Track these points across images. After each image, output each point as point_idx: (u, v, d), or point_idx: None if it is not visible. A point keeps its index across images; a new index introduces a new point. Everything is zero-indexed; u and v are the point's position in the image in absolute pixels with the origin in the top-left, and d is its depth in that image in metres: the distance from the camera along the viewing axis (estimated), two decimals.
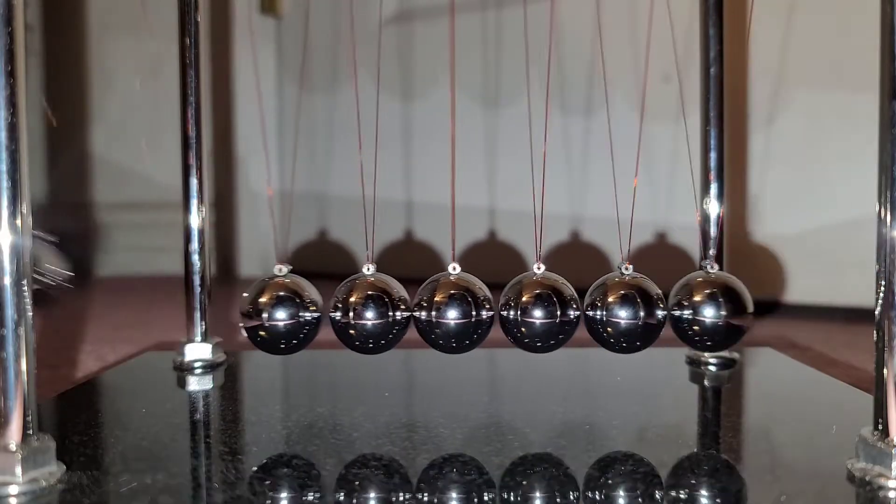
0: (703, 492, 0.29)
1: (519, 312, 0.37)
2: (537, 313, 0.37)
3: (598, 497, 0.28)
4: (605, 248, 1.01)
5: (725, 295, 0.38)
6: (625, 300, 0.37)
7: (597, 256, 1.01)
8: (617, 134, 0.54)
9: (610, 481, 0.30)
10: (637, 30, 0.92)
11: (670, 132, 0.92)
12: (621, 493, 0.29)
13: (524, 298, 0.37)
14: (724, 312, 0.38)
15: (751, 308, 0.38)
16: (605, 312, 0.37)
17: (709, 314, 0.38)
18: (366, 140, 0.43)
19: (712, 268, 0.39)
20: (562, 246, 1.03)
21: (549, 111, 0.43)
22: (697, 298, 0.38)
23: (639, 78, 0.96)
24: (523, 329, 0.37)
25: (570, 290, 0.38)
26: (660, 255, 0.94)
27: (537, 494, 0.29)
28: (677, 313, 0.39)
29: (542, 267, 0.38)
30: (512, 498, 0.28)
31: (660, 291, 0.38)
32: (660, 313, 0.38)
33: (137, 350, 0.71)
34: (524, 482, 0.30)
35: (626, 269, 0.39)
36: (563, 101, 1.04)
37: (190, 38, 0.50)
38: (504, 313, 0.37)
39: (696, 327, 0.38)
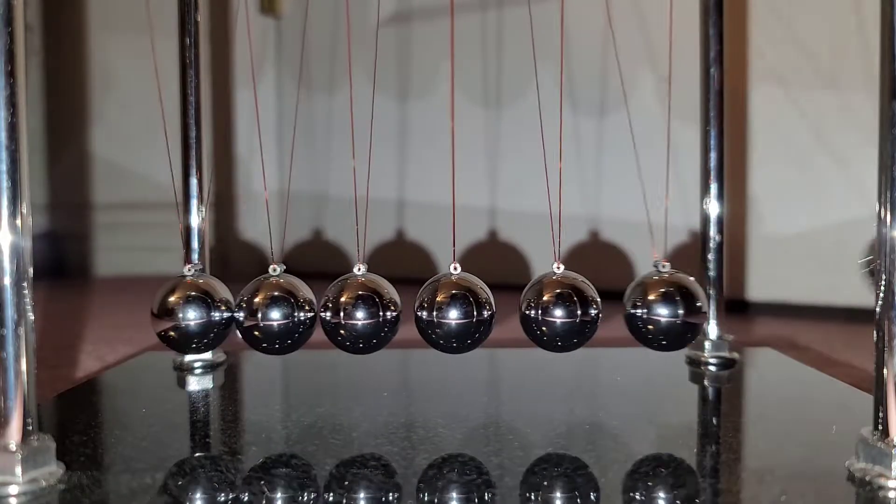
0: (704, 492, 0.29)
1: (540, 312, 0.37)
2: (559, 313, 0.37)
3: (597, 497, 0.28)
4: (622, 247, 1.01)
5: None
6: (666, 298, 0.38)
7: (611, 256, 1.01)
8: (619, 134, 0.54)
9: (610, 481, 0.30)
10: (644, 29, 0.92)
11: (683, 132, 0.92)
12: (621, 493, 0.29)
13: (546, 298, 0.37)
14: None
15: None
16: (646, 311, 0.38)
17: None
18: (365, 140, 0.43)
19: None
20: (575, 246, 1.03)
21: (555, 110, 0.43)
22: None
23: (642, 77, 0.96)
24: (545, 328, 0.37)
25: (591, 289, 0.38)
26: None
27: (536, 495, 0.29)
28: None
29: (562, 267, 0.38)
30: (511, 498, 0.28)
31: (700, 290, 0.39)
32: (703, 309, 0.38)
33: (137, 350, 0.71)
34: (524, 482, 0.30)
35: (663, 266, 0.39)
36: (569, 101, 1.04)
37: (190, 38, 0.50)
38: (526, 313, 0.37)
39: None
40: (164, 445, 0.35)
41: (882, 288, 0.29)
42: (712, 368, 0.49)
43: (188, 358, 0.49)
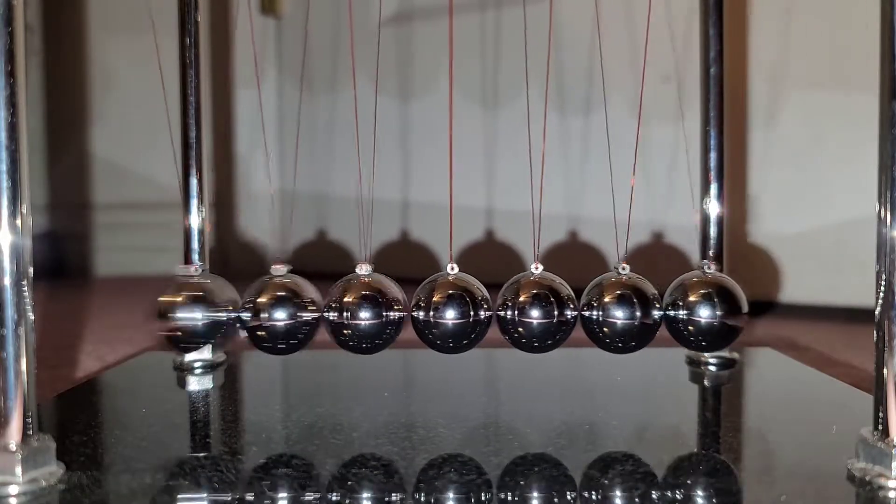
0: (703, 492, 0.29)
1: (516, 312, 0.37)
2: (534, 313, 0.37)
3: (597, 497, 0.28)
4: (603, 248, 1.01)
5: (720, 295, 0.38)
6: (621, 300, 0.37)
7: (594, 256, 1.01)
8: (616, 134, 0.54)
9: (609, 481, 0.30)
10: (635, 30, 0.92)
11: (671, 132, 0.92)
12: (620, 493, 0.29)
13: (521, 298, 0.37)
14: (719, 313, 0.38)
15: (745, 308, 0.39)
16: (601, 312, 0.38)
17: (704, 314, 0.38)
18: (365, 140, 0.43)
19: (709, 268, 0.39)
20: (560, 246, 1.03)
21: (547, 111, 0.43)
22: (693, 299, 0.38)
23: (637, 78, 0.96)
24: (521, 329, 0.37)
25: (567, 289, 0.38)
26: (658, 255, 0.94)
27: (536, 494, 0.29)
28: (672, 313, 0.39)
29: (540, 267, 0.38)
30: (511, 498, 0.28)
31: (656, 291, 0.38)
32: (656, 313, 0.38)
33: (137, 350, 0.71)
34: (523, 482, 0.30)
35: (623, 268, 0.39)
36: (562, 102, 1.04)
37: (190, 38, 0.50)
38: (501, 313, 0.37)
39: (690, 327, 0.38)
40: (164, 445, 0.35)
41: (882, 288, 0.29)
42: (712, 368, 0.49)
43: (188, 358, 0.49)
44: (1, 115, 0.28)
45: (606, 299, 0.38)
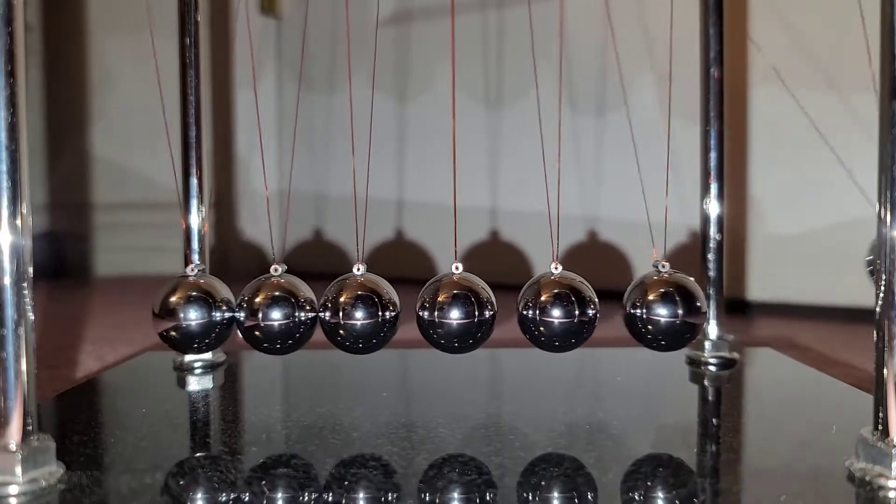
0: (703, 492, 0.29)
1: (538, 312, 0.37)
2: (556, 312, 0.37)
3: (597, 497, 0.28)
4: (619, 248, 1.01)
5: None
6: (665, 298, 0.37)
7: (609, 257, 1.01)
8: (620, 132, 0.54)
9: (610, 481, 0.30)
10: (645, 27, 0.92)
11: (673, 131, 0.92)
12: (621, 493, 0.29)
13: (543, 298, 0.37)
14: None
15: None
16: (645, 311, 0.37)
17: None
18: (365, 140, 0.43)
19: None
20: (575, 246, 1.03)
21: (555, 109, 0.43)
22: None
23: (645, 77, 0.96)
24: (542, 328, 0.37)
25: (588, 289, 0.38)
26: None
27: (537, 495, 0.29)
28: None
29: (560, 267, 0.38)
30: (512, 498, 0.28)
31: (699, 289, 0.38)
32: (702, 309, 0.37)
33: (137, 350, 0.71)
34: (524, 482, 0.30)
35: (663, 266, 0.39)
36: (572, 100, 1.04)
37: (190, 38, 0.50)
38: (523, 312, 0.37)
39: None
40: (164, 445, 0.35)
41: (882, 288, 0.29)
42: (712, 368, 0.49)
43: (188, 358, 0.49)
44: (1, 115, 0.28)
45: (651, 297, 0.37)
